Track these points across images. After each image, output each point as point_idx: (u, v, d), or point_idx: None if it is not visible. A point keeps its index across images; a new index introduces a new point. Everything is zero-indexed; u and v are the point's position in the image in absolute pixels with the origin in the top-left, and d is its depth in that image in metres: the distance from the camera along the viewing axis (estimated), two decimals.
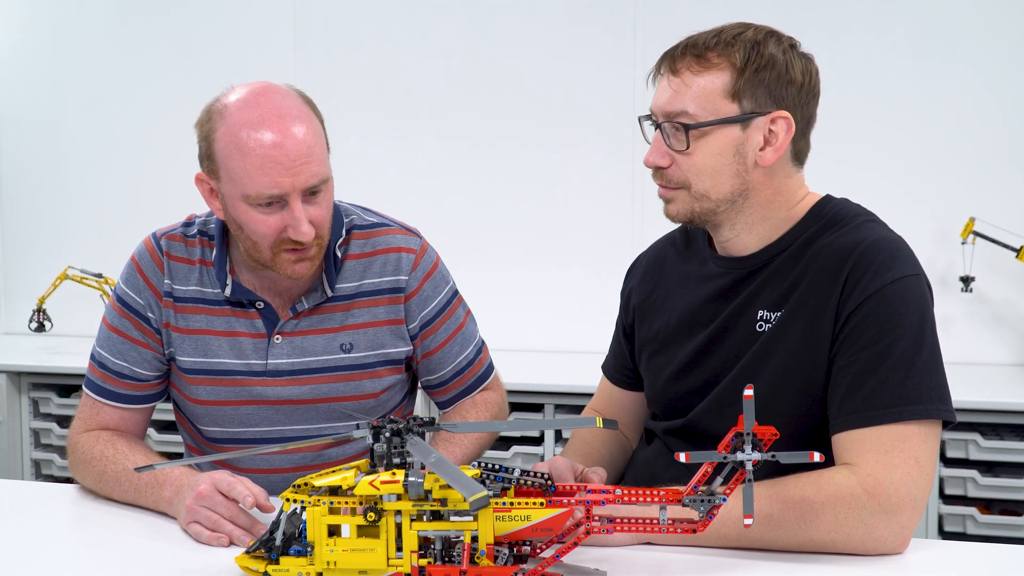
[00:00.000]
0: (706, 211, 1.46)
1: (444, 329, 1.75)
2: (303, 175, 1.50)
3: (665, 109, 1.43)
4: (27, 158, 4.06)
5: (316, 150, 1.52)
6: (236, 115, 1.50)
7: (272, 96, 1.52)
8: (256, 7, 3.81)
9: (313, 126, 1.53)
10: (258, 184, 1.49)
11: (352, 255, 1.69)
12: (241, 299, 1.67)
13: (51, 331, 3.85)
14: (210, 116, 1.54)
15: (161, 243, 1.70)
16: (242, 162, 1.49)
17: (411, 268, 1.70)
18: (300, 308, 1.67)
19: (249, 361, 1.67)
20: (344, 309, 1.68)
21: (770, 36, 1.43)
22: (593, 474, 1.47)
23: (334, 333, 1.68)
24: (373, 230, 1.72)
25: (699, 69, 1.41)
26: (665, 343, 1.58)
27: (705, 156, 1.42)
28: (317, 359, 1.67)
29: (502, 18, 3.62)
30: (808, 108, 1.45)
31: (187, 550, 1.38)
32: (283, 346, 1.67)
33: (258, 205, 1.51)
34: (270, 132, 1.48)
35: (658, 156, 1.45)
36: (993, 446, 2.79)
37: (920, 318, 1.35)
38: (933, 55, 3.29)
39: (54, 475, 3.47)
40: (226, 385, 1.67)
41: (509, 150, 3.64)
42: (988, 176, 3.27)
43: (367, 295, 1.69)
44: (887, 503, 1.27)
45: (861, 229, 1.42)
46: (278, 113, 1.50)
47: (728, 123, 1.40)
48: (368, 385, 1.70)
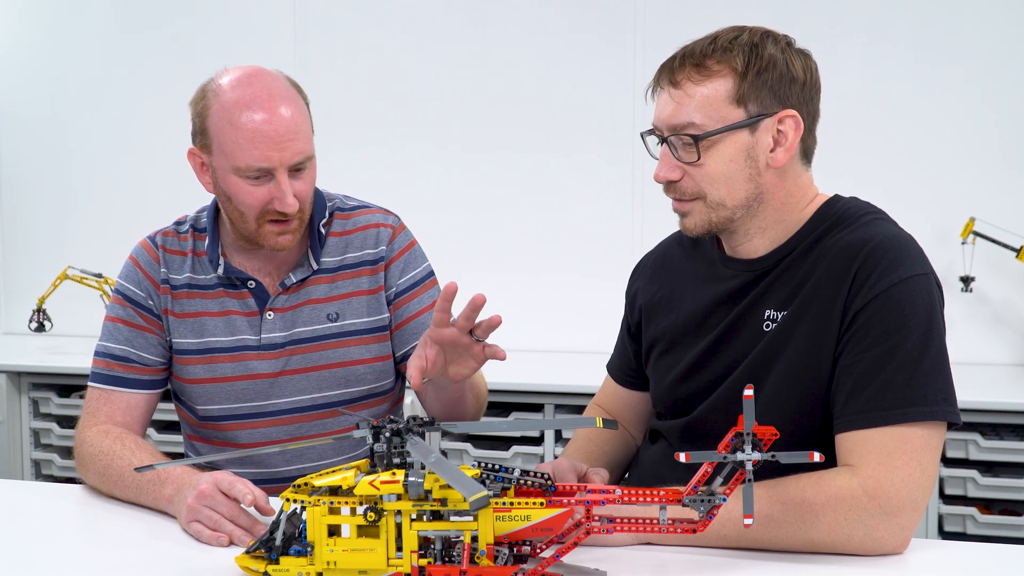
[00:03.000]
0: (723, 219, 1.45)
1: (418, 302, 1.81)
2: (289, 151, 1.61)
3: (670, 122, 1.42)
4: (27, 158, 4.06)
5: (302, 129, 1.63)
6: (230, 93, 1.62)
7: (263, 77, 1.64)
8: (257, 11, 3.81)
9: (300, 107, 1.65)
10: (248, 157, 1.59)
11: (335, 233, 1.80)
12: (233, 278, 1.75)
13: (51, 331, 3.85)
14: (204, 94, 1.66)
15: (156, 239, 1.80)
16: (234, 136, 1.60)
17: (389, 240, 1.81)
18: (288, 283, 1.75)
19: (243, 337, 1.74)
20: (329, 281, 1.77)
21: (766, 36, 1.43)
22: (595, 475, 1.47)
23: (321, 304, 1.76)
24: (354, 211, 1.83)
25: (700, 78, 1.40)
26: (672, 343, 1.58)
27: (717, 164, 1.41)
28: (306, 329, 1.75)
29: (502, 26, 3.62)
30: (812, 104, 1.45)
31: (187, 550, 1.38)
32: (275, 321, 1.75)
33: (247, 177, 1.62)
34: (261, 110, 1.59)
35: (668, 170, 1.44)
36: (993, 446, 2.79)
37: (927, 318, 1.34)
38: (933, 56, 3.29)
39: (54, 475, 3.47)
40: (222, 362, 1.74)
41: (510, 156, 3.64)
42: (988, 176, 3.27)
43: (350, 267, 1.79)
44: (887, 505, 1.27)
45: (869, 226, 1.42)
46: (268, 93, 1.61)
47: (736, 128, 1.40)
48: (356, 351, 1.76)
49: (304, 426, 1.76)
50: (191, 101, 1.68)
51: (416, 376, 1.42)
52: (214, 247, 1.75)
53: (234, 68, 1.67)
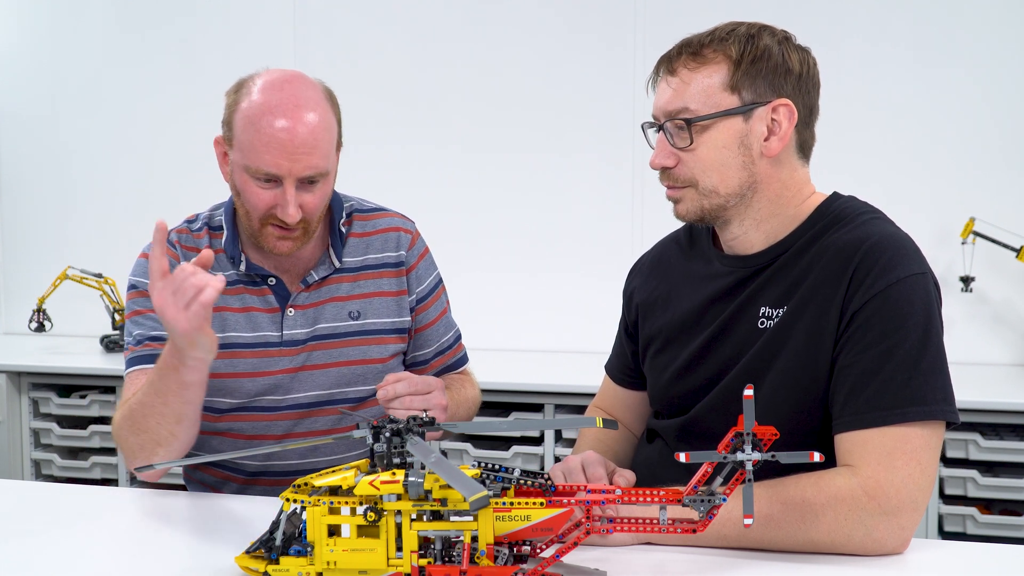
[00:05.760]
0: (715, 207, 1.45)
1: (433, 309, 1.86)
2: (301, 163, 1.61)
3: (666, 109, 1.44)
4: (27, 158, 4.06)
5: (321, 144, 1.63)
6: (259, 94, 1.63)
7: (297, 85, 1.65)
8: (257, 11, 3.81)
9: (325, 122, 1.64)
10: (259, 160, 1.61)
11: (355, 233, 1.82)
12: (254, 275, 1.75)
13: (51, 331, 3.85)
14: (239, 89, 1.67)
15: (171, 237, 1.78)
16: (252, 137, 1.61)
17: (409, 246, 1.84)
18: (311, 280, 1.76)
19: (265, 333, 1.75)
20: (351, 280, 1.79)
21: (763, 29, 1.44)
22: (620, 477, 1.47)
23: (343, 302, 1.78)
24: (372, 213, 1.86)
25: (696, 66, 1.42)
26: (668, 341, 1.58)
27: (710, 151, 1.42)
28: (327, 326, 1.76)
29: (502, 27, 3.63)
30: (809, 97, 1.45)
31: (187, 550, 1.38)
32: (296, 318, 1.75)
33: (256, 178, 1.63)
34: (283, 118, 1.60)
35: (663, 157, 1.46)
36: (993, 446, 2.79)
37: (925, 318, 1.35)
38: (933, 56, 3.29)
39: (54, 475, 3.47)
40: (244, 357, 1.73)
41: (509, 156, 3.65)
42: (988, 176, 3.27)
43: (372, 268, 1.81)
44: (887, 505, 1.27)
45: (867, 226, 1.42)
46: (295, 102, 1.62)
47: (730, 115, 1.41)
48: (375, 351, 1.78)
49: (308, 421, 1.76)
50: (227, 91, 1.69)
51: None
52: (234, 244, 1.75)
53: (275, 70, 1.68)
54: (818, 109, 1.48)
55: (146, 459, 1.59)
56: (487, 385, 2.93)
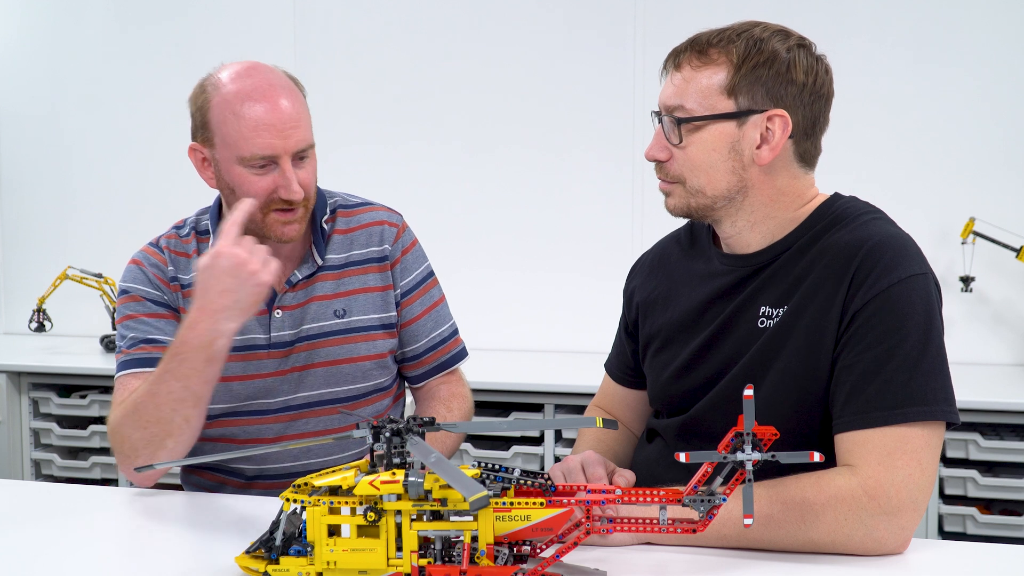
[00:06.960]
0: (702, 206, 1.46)
1: (420, 303, 1.84)
2: (292, 139, 1.63)
3: (666, 103, 1.45)
4: (27, 158, 4.06)
5: (303, 118, 1.66)
6: (230, 85, 1.64)
7: (261, 70, 1.67)
8: (257, 10, 3.81)
9: (299, 98, 1.68)
10: (252, 146, 1.62)
11: (338, 230, 1.81)
12: None
13: (51, 331, 3.85)
14: (204, 89, 1.68)
15: (159, 243, 1.79)
16: (237, 126, 1.62)
17: (393, 239, 1.83)
18: (295, 279, 1.76)
19: (253, 336, 1.74)
20: (335, 278, 1.78)
21: (776, 34, 1.42)
22: (619, 477, 1.47)
23: (328, 300, 1.77)
24: (356, 208, 1.85)
25: (699, 64, 1.42)
26: (668, 340, 1.58)
27: (699, 151, 1.42)
28: (313, 326, 1.76)
29: (502, 24, 3.63)
30: (812, 109, 1.43)
31: (187, 550, 1.38)
32: (284, 319, 1.75)
33: (252, 167, 1.64)
34: (263, 100, 1.62)
35: (657, 150, 1.47)
36: (993, 446, 2.79)
37: (926, 318, 1.34)
38: (934, 56, 3.29)
39: (54, 475, 3.47)
40: (233, 360, 1.72)
41: (510, 154, 3.65)
42: (988, 176, 3.27)
43: (356, 264, 1.80)
44: (888, 505, 1.27)
45: (868, 226, 1.41)
46: (268, 84, 1.64)
47: (721, 119, 1.40)
48: (363, 348, 1.78)
49: (301, 422, 1.76)
50: (190, 97, 1.70)
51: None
52: None
53: (231, 63, 1.69)
54: (826, 120, 1.46)
55: (151, 455, 1.58)
56: (487, 385, 2.95)
